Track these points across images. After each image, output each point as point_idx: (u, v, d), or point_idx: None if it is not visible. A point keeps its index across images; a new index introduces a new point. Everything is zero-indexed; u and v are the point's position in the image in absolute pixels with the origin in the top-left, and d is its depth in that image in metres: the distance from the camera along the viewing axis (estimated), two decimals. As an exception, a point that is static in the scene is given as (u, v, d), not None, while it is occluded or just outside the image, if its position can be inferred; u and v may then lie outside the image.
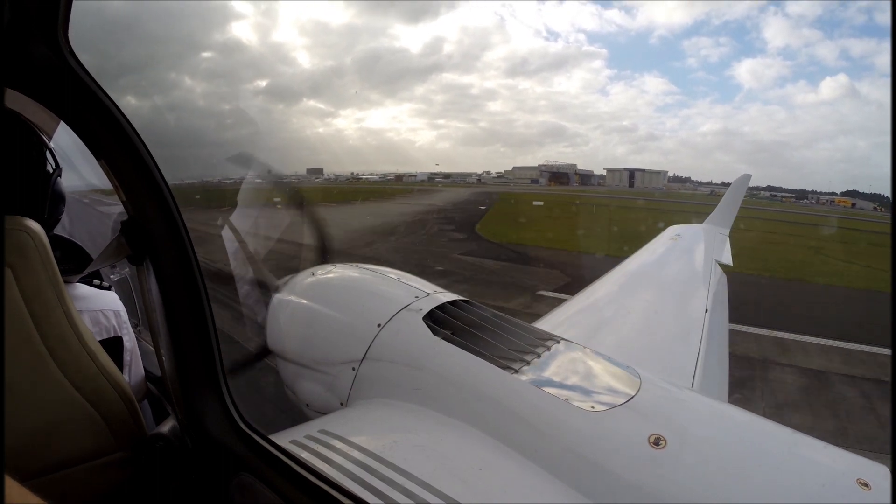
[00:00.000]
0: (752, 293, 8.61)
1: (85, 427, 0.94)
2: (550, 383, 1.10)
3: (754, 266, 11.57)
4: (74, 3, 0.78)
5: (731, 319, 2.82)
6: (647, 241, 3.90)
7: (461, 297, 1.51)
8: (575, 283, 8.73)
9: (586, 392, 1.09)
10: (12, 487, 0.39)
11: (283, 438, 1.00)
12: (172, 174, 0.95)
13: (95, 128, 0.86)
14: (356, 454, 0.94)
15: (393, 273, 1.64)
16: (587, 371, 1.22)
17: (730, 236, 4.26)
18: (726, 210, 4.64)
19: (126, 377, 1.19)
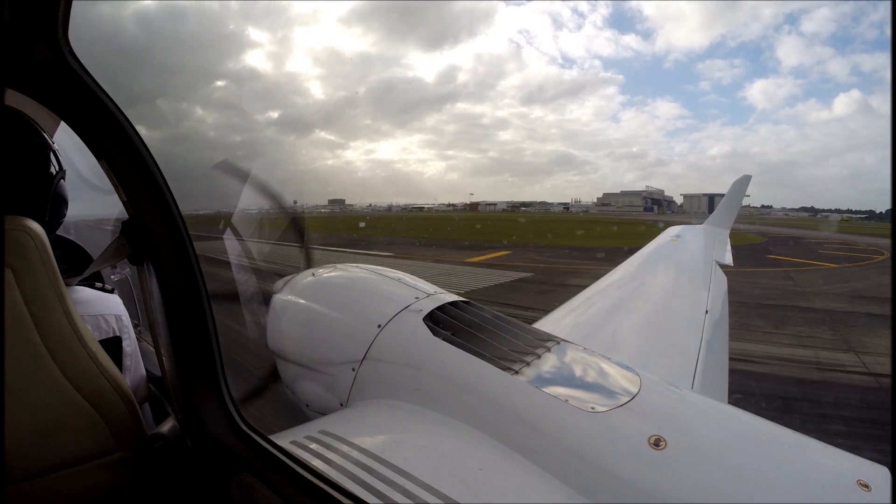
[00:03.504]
0: None
1: (85, 427, 0.94)
2: (550, 384, 1.10)
3: None
4: (75, 3, 0.78)
5: None
6: None
7: (462, 298, 1.51)
8: None
9: (586, 393, 1.09)
10: None
11: (283, 439, 1.00)
12: (187, 205, 0.95)
13: (96, 128, 0.86)
14: (356, 455, 0.94)
15: (393, 273, 1.64)
16: (587, 372, 1.22)
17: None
18: (726, 211, 4.64)
19: (126, 381, 1.19)
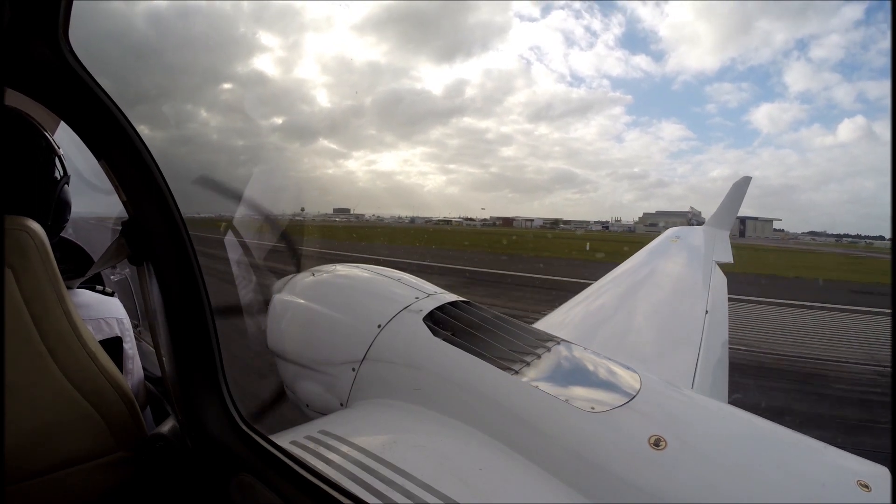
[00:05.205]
0: None
1: (85, 427, 0.94)
2: (550, 384, 1.10)
3: None
4: (76, 3, 0.78)
5: None
6: None
7: (462, 298, 1.51)
8: None
9: (586, 392, 1.09)
10: None
11: (283, 439, 1.00)
12: (187, 207, 0.95)
13: (96, 128, 0.86)
14: (356, 455, 0.94)
15: (394, 274, 1.64)
16: (587, 372, 1.22)
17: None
18: (726, 212, 4.65)
19: (128, 384, 1.19)
